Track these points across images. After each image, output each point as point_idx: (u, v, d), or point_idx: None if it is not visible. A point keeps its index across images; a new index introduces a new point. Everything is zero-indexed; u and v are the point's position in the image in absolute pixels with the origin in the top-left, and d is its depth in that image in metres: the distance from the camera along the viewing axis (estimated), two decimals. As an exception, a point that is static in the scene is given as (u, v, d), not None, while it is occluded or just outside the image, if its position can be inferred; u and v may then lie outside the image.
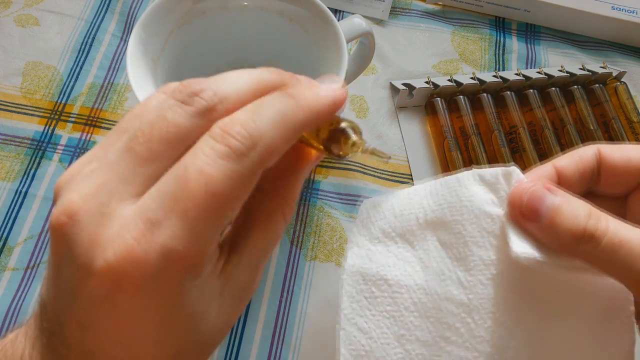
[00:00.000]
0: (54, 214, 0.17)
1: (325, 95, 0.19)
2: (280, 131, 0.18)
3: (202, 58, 0.38)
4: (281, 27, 0.36)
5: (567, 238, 0.21)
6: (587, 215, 0.21)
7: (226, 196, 0.16)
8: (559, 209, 0.21)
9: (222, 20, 0.36)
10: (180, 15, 0.34)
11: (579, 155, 0.24)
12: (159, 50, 0.33)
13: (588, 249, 0.20)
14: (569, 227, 0.21)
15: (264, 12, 0.36)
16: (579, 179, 0.24)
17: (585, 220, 0.20)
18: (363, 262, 0.25)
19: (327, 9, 0.33)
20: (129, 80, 0.30)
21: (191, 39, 0.35)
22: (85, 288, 0.16)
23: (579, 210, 0.21)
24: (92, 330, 0.17)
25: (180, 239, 0.16)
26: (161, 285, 0.16)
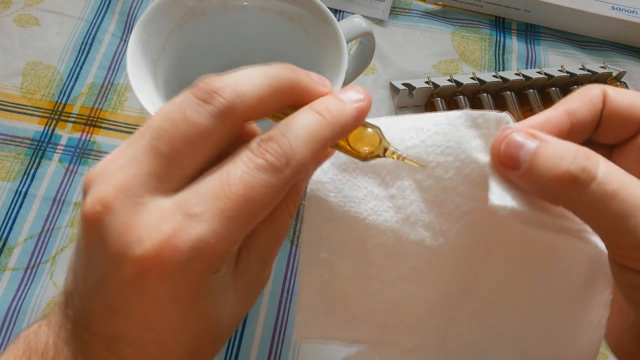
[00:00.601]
0: (88, 204, 0.18)
1: (351, 110, 0.20)
2: (311, 148, 0.19)
3: (202, 58, 0.38)
4: (281, 27, 0.36)
5: (549, 183, 0.19)
6: (572, 156, 0.19)
7: (260, 203, 0.18)
8: (538, 152, 0.19)
9: (222, 20, 0.36)
10: (180, 15, 0.34)
11: (588, 96, 0.22)
12: (159, 50, 0.33)
13: (573, 193, 0.19)
14: (549, 169, 0.19)
15: (264, 12, 0.36)
16: (590, 122, 0.22)
17: (570, 161, 0.19)
18: (328, 190, 0.23)
19: (327, 9, 0.33)
20: (129, 80, 0.30)
21: (191, 39, 0.35)
22: (117, 273, 0.18)
23: (563, 152, 0.19)
24: (119, 314, 0.18)
25: (214, 234, 0.17)
26: (189, 274, 0.18)
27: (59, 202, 0.41)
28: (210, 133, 0.18)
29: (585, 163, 0.18)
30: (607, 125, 0.22)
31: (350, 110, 0.20)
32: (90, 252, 0.18)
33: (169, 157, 0.18)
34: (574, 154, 0.19)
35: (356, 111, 0.20)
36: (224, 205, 0.17)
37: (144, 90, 0.30)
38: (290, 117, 0.20)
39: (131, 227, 0.17)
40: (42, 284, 0.38)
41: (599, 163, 0.19)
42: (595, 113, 0.22)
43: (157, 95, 0.31)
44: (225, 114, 0.18)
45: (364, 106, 0.21)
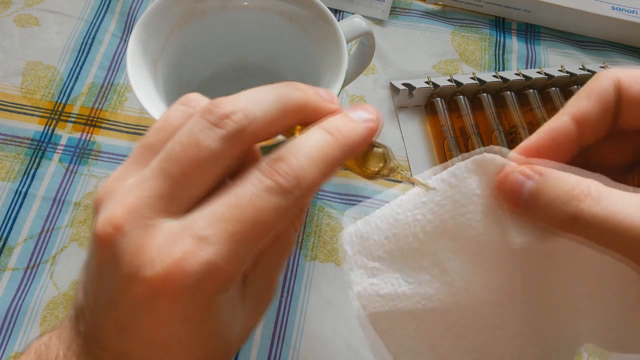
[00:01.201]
0: (99, 224, 0.18)
1: (361, 129, 0.20)
2: (321, 169, 0.19)
3: (202, 58, 0.38)
4: (281, 27, 0.36)
5: (553, 224, 0.19)
6: (569, 196, 0.18)
7: (269, 225, 0.18)
8: (537, 193, 0.19)
9: (222, 20, 0.36)
10: (180, 16, 0.34)
11: (598, 94, 0.21)
12: (159, 50, 0.33)
13: (578, 231, 0.19)
14: (550, 214, 0.19)
15: (264, 12, 0.36)
16: (603, 121, 0.21)
17: (568, 201, 0.18)
18: (372, 300, 0.23)
19: (327, 9, 0.33)
20: (129, 81, 0.30)
21: (191, 39, 0.35)
22: (129, 293, 0.18)
23: (560, 191, 0.19)
24: (130, 332, 0.19)
25: (223, 257, 0.18)
26: (199, 295, 0.18)
27: (59, 202, 0.41)
28: (220, 156, 0.18)
29: (584, 200, 0.18)
30: (629, 114, 0.21)
31: (360, 130, 0.20)
32: (102, 272, 0.19)
33: (178, 180, 0.18)
34: (570, 193, 0.18)
35: (366, 131, 0.20)
36: (232, 229, 0.18)
37: (143, 91, 0.30)
38: (300, 137, 0.20)
39: (142, 248, 0.18)
40: (42, 284, 0.38)
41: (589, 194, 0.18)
42: (607, 110, 0.21)
43: (157, 95, 0.31)
44: (236, 137, 0.18)
45: (374, 126, 0.21)
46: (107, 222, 0.18)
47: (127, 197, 0.18)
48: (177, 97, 0.35)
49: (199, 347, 0.20)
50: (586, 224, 0.18)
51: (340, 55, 0.32)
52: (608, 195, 0.18)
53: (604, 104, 0.21)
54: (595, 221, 0.18)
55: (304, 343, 0.37)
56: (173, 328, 0.19)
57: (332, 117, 0.20)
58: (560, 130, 0.21)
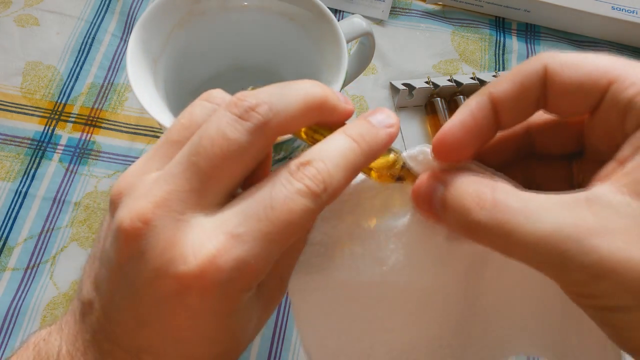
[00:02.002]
0: (125, 219, 0.18)
1: (383, 136, 0.20)
2: (345, 176, 0.19)
3: (202, 58, 0.38)
4: (281, 27, 0.36)
5: (460, 232, 0.19)
6: (468, 204, 0.18)
7: (298, 226, 0.18)
8: (445, 202, 0.19)
9: (222, 20, 0.36)
10: (180, 16, 0.34)
11: (521, 77, 0.20)
12: (159, 50, 0.33)
13: (479, 239, 0.18)
14: (456, 222, 0.19)
15: (264, 12, 0.36)
16: (521, 107, 0.20)
17: (468, 208, 0.18)
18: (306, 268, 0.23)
19: (327, 9, 0.33)
20: (129, 80, 0.30)
21: (191, 39, 0.35)
22: (156, 288, 0.18)
23: (462, 199, 0.18)
24: (151, 327, 0.19)
25: (255, 255, 0.18)
26: (229, 292, 0.18)
27: (59, 202, 0.41)
28: (247, 149, 0.19)
29: (481, 208, 0.18)
30: (554, 101, 0.20)
31: (382, 137, 0.20)
32: (125, 266, 0.19)
33: (208, 174, 0.18)
34: (470, 200, 0.18)
35: (387, 137, 0.20)
36: (266, 229, 0.18)
37: (144, 91, 0.30)
38: (325, 142, 0.20)
39: (174, 244, 0.18)
40: (42, 284, 0.38)
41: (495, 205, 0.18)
42: (527, 94, 0.20)
43: (157, 95, 0.31)
44: (261, 130, 0.19)
45: (394, 132, 0.21)
46: (135, 217, 0.18)
47: (155, 191, 0.18)
48: (177, 97, 0.35)
49: (220, 343, 0.20)
50: (483, 232, 0.18)
51: (340, 55, 0.32)
52: (505, 202, 0.18)
53: (524, 87, 0.20)
54: (490, 230, 0.17)
55: (304, 343, 0.37)
56: (199, 323, 0.19)
57: (355, 124, 0.21)
58: (480, 110, 0.20)
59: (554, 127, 0.22)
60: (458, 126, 0.20)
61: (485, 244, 0.18)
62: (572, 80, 0.19)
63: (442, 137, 0.20)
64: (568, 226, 0.16)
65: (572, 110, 0.20)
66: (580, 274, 0.16)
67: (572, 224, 0.16)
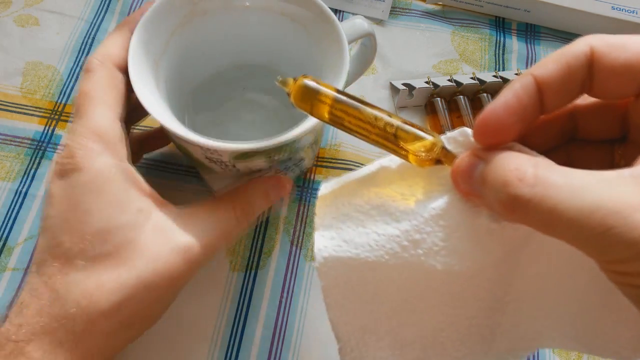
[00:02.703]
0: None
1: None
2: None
3: (203, 58, 0.38)
4: (283, 28, 0.36)
5: (498, 210, 0.18)
6: (508, 179, 0.18)
7: None
8: (484, 178, 0.19)
9: (223, 20, 0.36)
10: (182, 16, 0.34)
11: (566, 58, 0.20)
12: (160, 51, 0.33)
13: (518, 217, 0.18)
14: (495, 198, 0.18)
15: (266, 13, 0.35)
16: (566, 89, 0.20)
17: (507, 184, 0.18)
18: (335, 244, 0.23)
19: (329, 10, 0.33)
20: (131, 81, 0.30)
21: (192, 39, 0.35)
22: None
23: (502, 174, 0.18)
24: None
25: None
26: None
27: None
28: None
29: (521, 183, 0.17)
30: (600, 83, 0.20)
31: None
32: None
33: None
34: (510, 175, 0.18)
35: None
36: None
37: (145, 92, 0.30)
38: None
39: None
40: (43, 284, 0.38)
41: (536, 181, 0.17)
42: (573, 76, 0.19)
43: (159, 96, 0.31)
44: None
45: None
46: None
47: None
48: (177, 97, 0.35)
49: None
50: (525, 208, 0.17)
51: (342, 56, 0.32)
52: (547, 177, 0.17)
53: (570, 69, 0.19)
54: (532, 205, 0.17)
55: (304, 343, 0.37)
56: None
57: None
58: (525, 90, 0.20)
59: (598, 111, 0.22)
60: (502, 107, 0.19)
61: (526, 221, 0.18)
62: (620, 61, 0.19)
63: (486, 118, 0.19)
64: (613, 202, 0.16)
65: (618, 93, 0.20)
66: (624, 250, 0.16)
67: (618, 199, 0.16)
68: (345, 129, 0.23)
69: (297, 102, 0.24)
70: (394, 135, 0.22)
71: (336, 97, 0.23)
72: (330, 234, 0.23)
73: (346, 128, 0.23)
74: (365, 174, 0.24)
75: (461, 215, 0.21)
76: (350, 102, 0.23)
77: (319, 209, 0.24)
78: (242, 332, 0.37)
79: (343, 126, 0.23)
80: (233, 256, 0.39)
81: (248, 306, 0.38)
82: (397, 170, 0.23)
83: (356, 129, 0.23)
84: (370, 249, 0.22)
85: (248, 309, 0.38)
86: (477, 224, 0.21)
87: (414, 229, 0.21)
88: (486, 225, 0.21)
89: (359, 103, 0.23)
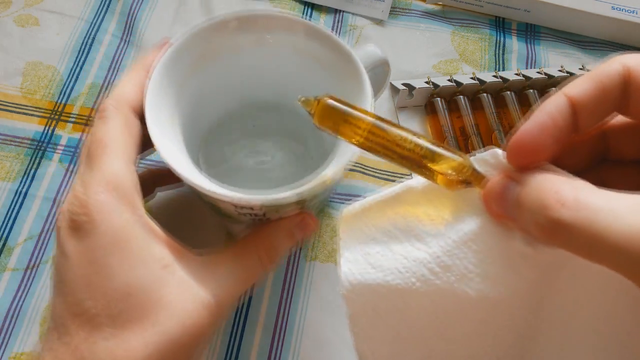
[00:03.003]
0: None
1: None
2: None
3: (215, 99, 0.36)
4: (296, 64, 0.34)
5: (537, 234, 0.18)
6: (549, 202, 0.17)
7: None
8: (521, 200, 0.18)
9: (233, 61, 0.34)
10: (197, 56, 0.32)
11: (600, 78, 0.19)
12: (177, 95, 0.31)
13: (560, 242, 0.17)
14: (534, 222, 0.17)
15: (297, 53, 0.33)
16: (600, 111, 0.19)
17: (548, 207, 0.17)
18: (362, 269, 0.22)
19: (346, 45, 0.31)
20: (150, 135, 0.27)
21: (206, 80, 0.34)
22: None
23: (541, 196, 0.17)
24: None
25: None
26: None
27: (59, 203, 0.41)
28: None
29: (562, 207, 0.17)
30: (637, 105, 0.19)
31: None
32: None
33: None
34: (551, 198, 0.17)
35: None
36: None
37: (169, 147, 0.28)
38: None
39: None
40: (42, 284, 0.38)
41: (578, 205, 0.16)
42: (608, 96, 0.19)
43: (178, 146, 0.30)
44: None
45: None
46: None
47: None
48: (191, 142, 0.34)
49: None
50: (566, 233, 0.17)
51: (363, 89, 0.29)
52: (590, 201, 0.17)
53: (604, 89, 0.19)
54: (574, 230, 0.16)
55: (304, 343, 0.37)
56: None
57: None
58: (559, 110, 0.19)
59: (631, 131, 0.21)
60: (536, 128, 0.19)
61: (567, 245, 0.17)
62: None
63: (520, 139, 0.19)
64: None
65: None
66: None
67: None
68: (372, 150, 0.22)
69: (320, 122, 0.23)
70: (422, 156, 0.21)
71: (362, 117, 0.22)
72: (356, 258, 0.22)
73: (372, 149, 0.22)
74: (390, 196, 0.23)
75: (493, 239, 0.20)
76: (377, 123, 0.22)
77: (343, 232, 0.23)
78: (242, 333, 0.37)
79: (369, 147, 0.22)
80: (233, 256, 0.39)
81: (248, 306, 0.38)
82: (423, 191, 0.22)
83: (383, 150, 0.22)
84: (399, 274, 0.21)
85: (248, 309, 0.38)
86: (510, 247, 0.20)
87: (445, 253, 0.21)
88: (520, 249, 0.20)
89: (386, 123, 0.22)
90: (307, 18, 0.51)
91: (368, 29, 0.51)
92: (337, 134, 0.23)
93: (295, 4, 0.52)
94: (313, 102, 0.23)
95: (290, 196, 0.26)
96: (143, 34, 0.49)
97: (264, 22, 0.32)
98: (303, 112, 0.23)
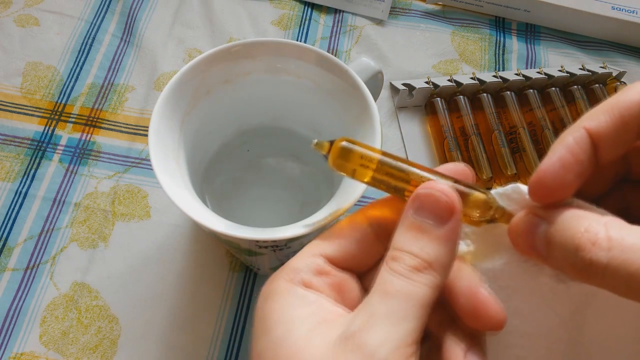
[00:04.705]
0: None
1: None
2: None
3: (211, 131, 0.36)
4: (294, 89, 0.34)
5: (571, 273, 0.17)
6: (580, 242, 0.17)
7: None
8: (551, 239, 0.18)
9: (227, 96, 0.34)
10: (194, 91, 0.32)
11: (619, 108, 0.18)
12: (175, 140, 0.31)
13: (595, 281, 0.17)
14: (566, 262, 0.17)
15: (301, 79, 0.33)
16: (621, 142, 0.19)
17: (579, 247, 0.17)
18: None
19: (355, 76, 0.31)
20: (159, 182, 0.27)
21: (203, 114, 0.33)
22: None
23: (572, 235, 0.17)
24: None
25: None
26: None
27: (59, 203, 0.41)
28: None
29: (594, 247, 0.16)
30: None
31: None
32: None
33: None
34: (582, 238, 0.17)
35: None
36: None
37: (175, 189, 0.27)
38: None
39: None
40: (42, 284, 0.38)
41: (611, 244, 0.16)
42: (628, 127, 0.18)
43: (187, 188, 0.29)
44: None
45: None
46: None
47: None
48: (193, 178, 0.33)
49: None
50: (601, 273, 0.16)
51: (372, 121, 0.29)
52: (622, 239, 0.16)
53: (624, 120, 0.18)
54: (610, 271, 0.16)
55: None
56: None
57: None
58: (579, 144, 0.19)
59: None
60: (558, 164, 0.18)
61: (603, 285, 0.17)
62: None
63: (541, 176, 0.18)
64: None
65: None
66: None
67: None
68: (390, 190, 0.22)
69: (336, 165, 0.22)
70: None
71: (380, 159, 0.21)
72: None
73: (391, 189, 0.21)
74: None
75: (522, 276, 0.20)
76: (395, 164, 0.21)
77: None
78: (242, 332, 0.37)
79: (387, 187, 0.21)
80: (233, 256, 0.39)
81: (248, 306, 0.38)
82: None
83: (400, 191, 0.21)
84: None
85: (248, 309, 0.38)
86: (539, 283, 0.20)
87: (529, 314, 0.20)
88: (550, 285, 0.20)
89: (404, 163, 0.21)
90: (307, 18, 0.51)
91: (368, 29, 0.51)
92: (353, 177, 0.22)
93: (295, 3, 0.52)
94: (326, 146, 0.22)
95: (312, 229, 0.26)
96: (143, 34, 0.49)
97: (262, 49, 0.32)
98: (299, 131, 0.23)
